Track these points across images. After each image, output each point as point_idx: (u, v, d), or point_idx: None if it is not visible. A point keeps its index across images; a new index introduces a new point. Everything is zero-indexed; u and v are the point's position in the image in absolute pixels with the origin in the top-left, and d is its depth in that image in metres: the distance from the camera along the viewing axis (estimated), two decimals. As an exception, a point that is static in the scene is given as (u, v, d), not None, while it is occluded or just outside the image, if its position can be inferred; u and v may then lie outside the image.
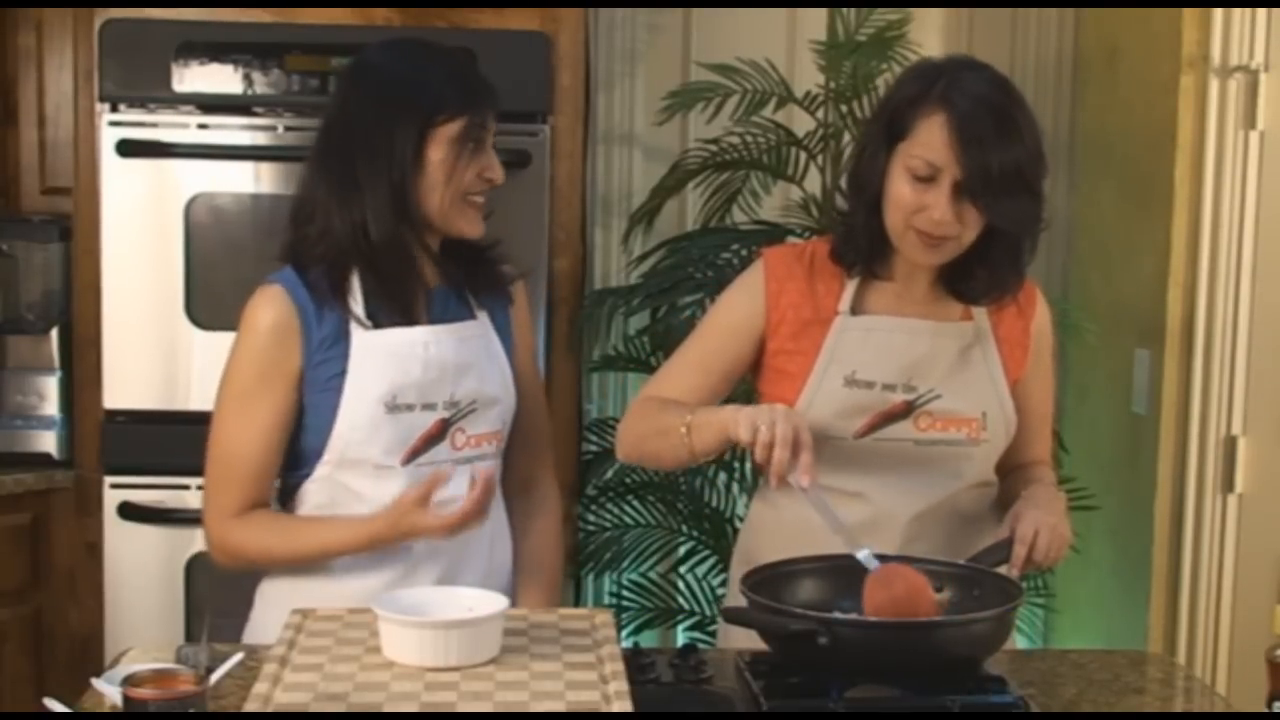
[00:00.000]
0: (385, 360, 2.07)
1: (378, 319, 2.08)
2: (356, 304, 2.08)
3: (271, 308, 2.06)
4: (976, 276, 2.12)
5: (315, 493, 2.11)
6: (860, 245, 2.12)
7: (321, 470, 2.10)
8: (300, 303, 2.06)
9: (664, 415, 2.10)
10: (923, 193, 2.02)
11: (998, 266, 2.11)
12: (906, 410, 2.12)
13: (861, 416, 2.12)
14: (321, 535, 2.08)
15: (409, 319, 2.10)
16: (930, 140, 2.01)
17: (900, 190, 2.04)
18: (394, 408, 2.06)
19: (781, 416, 1.92)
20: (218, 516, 2.10)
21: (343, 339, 2.07)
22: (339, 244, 2.06)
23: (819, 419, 2.12)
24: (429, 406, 2.09)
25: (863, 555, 1.95)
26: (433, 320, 2.12)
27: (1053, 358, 2.30)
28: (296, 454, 2.11)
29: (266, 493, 2.13)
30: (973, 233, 2.05)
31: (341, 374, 2.06)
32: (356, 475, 2.09)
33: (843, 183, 2.20)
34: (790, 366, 2.15)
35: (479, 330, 2.17)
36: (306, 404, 2.08)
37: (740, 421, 1.94)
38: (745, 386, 2.29)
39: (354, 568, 2.09)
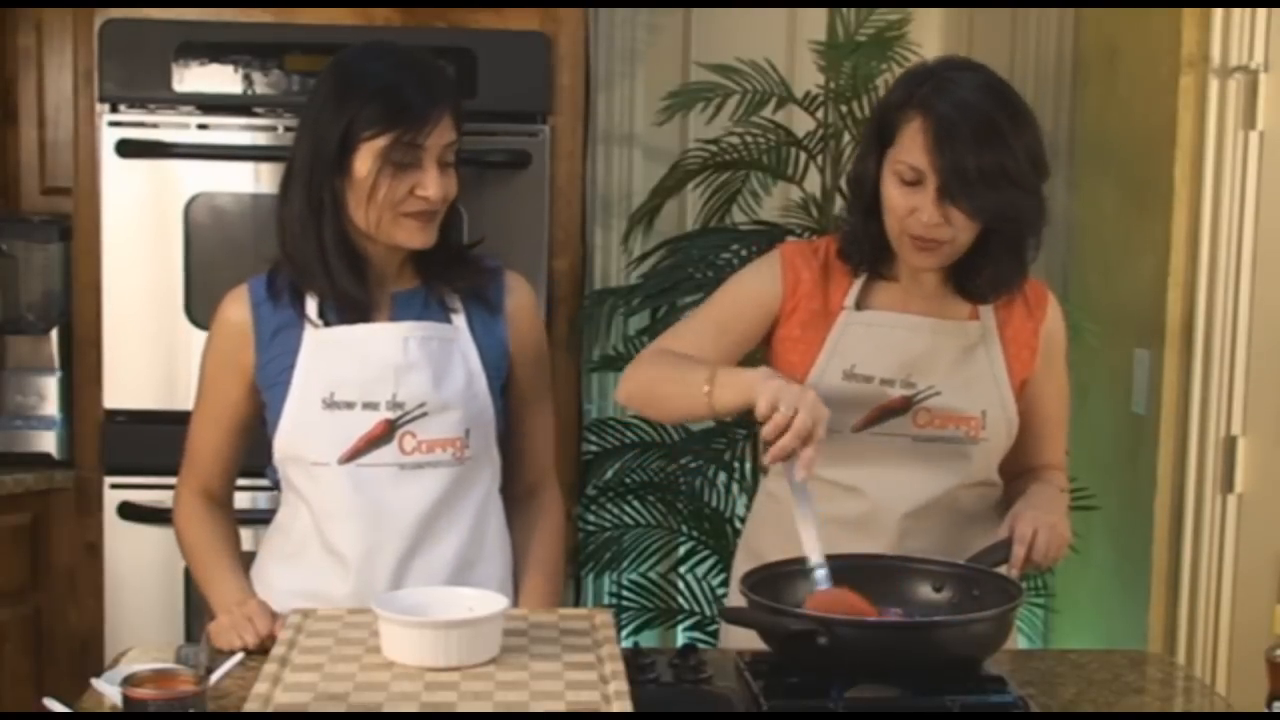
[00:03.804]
0: (326, 356, 2.09)
1: (328, 318, 2.10)
2: (312, 302, 2.10)
3: (229, 305, 2.15)
4: (981, 274, 2.13)
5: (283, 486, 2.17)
6: (863, 248, 2.14)
7: (277, 465, 2.14)
8: (256, 299, 2.12)
9: (683, 366, 2.07)
10: (911, 196, 2.04)
11: (999, 263, 2.12)
12: (905, 405, 2.13)
13: (860, 410, 2.13)
14: (199, 573, 2.18)
15: (360, 317, 2.10)
16: (911, 145, 2.03)
17: (891, 195, 2.06)
18: (332, 404, 2.07)
19: (807, 406, 1.88)
20: (177, 489, 2.22)
21: (295, 335, 2.10)
22: (280, 246, 2.11)
23: None
24: (370, 405, 2.08)
25: (819, 574, 1.93)
26: (391, 321, 2.12)
27: (1066, 362, 2.30)
28: (266, 448, 2.15)
29: (220, 482, 2.20)
30: (966, 235, 2.06)
31: (290, 368, 2.09)
32: (297, 471, 2.11)
33: (843, 184, 2.21)
34: (794, 355, 2.16)
35: (443, 333, 2.13)
36: (265, 399, 2.13)
37: (764, 392, 1.90)
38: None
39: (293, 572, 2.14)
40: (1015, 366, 2.19)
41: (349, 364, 2.09)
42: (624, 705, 1.61)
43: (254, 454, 2.20)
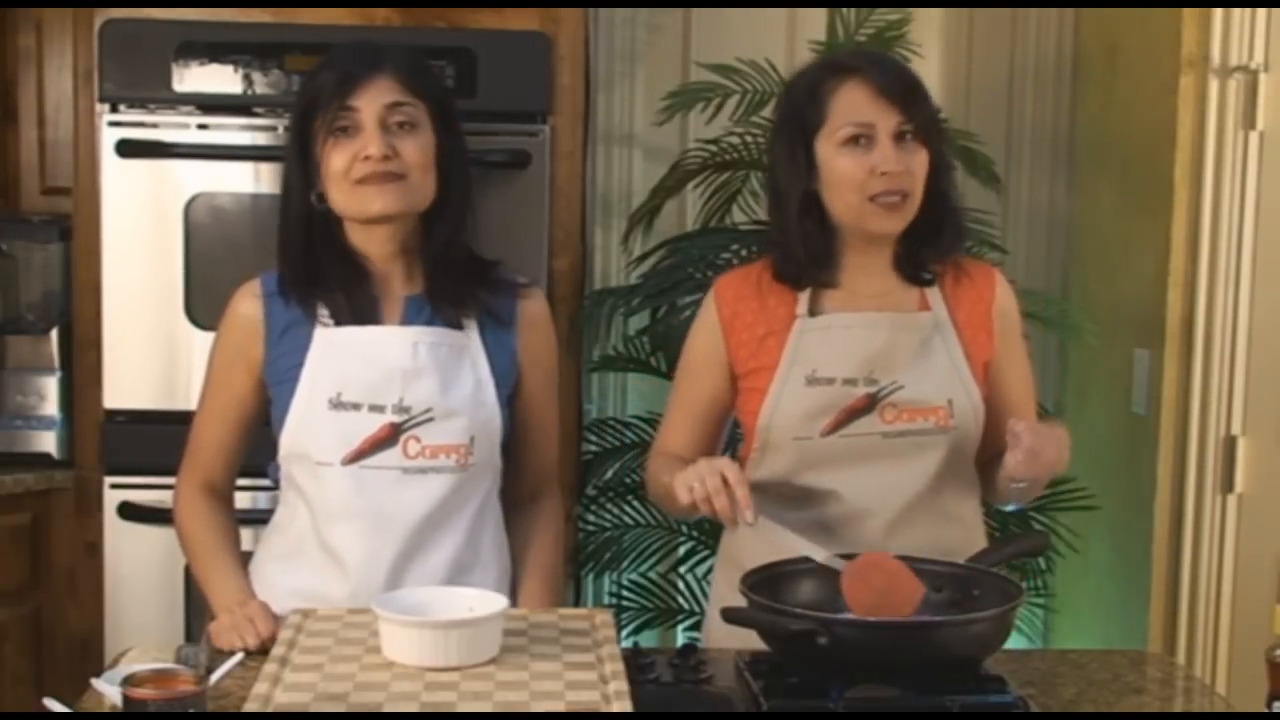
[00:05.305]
0: (335, 357, 2.10)
1: (339, 317, 2.11)
2: (323, 301, 2.11)
3: (241, 298, 2.16)
4: (923, 242, 2.15)
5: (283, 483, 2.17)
6: (801, 262, 2.15)
7: (281, 462, 2.15)
8: (268, 294, 2.13)
9: (663, 478, 2.13)
10: (865, 157, 2.07)
11: (940, 224, 2.15)
12: (870, 404, 2.13)
13: (826, 415, 2.13)
14: (199, 571, 2.18)
15: (371, 320, 2.11)
16: (851, 104, 2.08)
17: (841, 167, 2.09)
18: (339, 405, 2.08)
19: (706, 470, 1.96)
20: (178, 482, 2.22)
21: (305, 333, 2.11)
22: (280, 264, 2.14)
23: (786, 421, 2.14)
24: (377, 408, 2.08)
25: (823, 558, 1.96)
26: (402, 325, 2.13)
27: (1025, 339, 2.30)
28: (272, 444, 2.16)
29: (221, 475, 2.21)
30: (920, 183, 2.10)
31: (299, 366, 2.10)
32: (301, 470, 2.12)
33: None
34: (760, 382, 2.17)
35: (454, 340, 2.13)
36: (271, 395, 2.14)
37: (678, 489, 1.99)
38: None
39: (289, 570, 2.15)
40: (974, 351, 2.19)
41: (357, 365, 2.09)
42: (624, 705, 1.62)
43: (254, 454, 2.20)
